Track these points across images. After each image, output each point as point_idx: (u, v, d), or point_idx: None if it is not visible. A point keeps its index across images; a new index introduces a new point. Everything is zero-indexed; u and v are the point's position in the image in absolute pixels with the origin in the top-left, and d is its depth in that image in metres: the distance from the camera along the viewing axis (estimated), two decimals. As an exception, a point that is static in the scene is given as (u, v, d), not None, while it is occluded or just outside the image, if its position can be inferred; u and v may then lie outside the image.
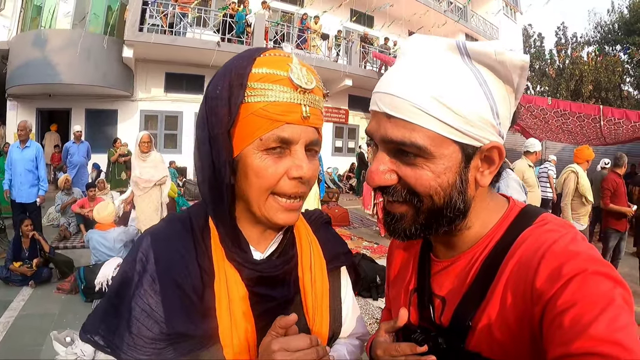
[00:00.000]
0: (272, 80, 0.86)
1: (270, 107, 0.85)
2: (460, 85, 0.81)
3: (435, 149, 0.82)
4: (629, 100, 35.35)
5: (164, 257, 0.93)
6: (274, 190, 0.90)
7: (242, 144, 0.88)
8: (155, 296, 0.89)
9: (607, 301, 0.67)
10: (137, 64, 15.96)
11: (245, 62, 0.89)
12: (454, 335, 0.89)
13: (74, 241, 8.44)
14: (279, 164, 0.89)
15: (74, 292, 5.76)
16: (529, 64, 0.82)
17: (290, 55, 0.92)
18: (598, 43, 39.63)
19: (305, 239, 1.09)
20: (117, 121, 16.40)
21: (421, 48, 0.87)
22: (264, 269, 0.96)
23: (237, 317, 0.90)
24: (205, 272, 0.93)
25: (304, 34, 18.37)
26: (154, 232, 1.00)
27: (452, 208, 0.87)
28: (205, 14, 16.59)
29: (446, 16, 24.53)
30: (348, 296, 1.21)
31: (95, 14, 14.69)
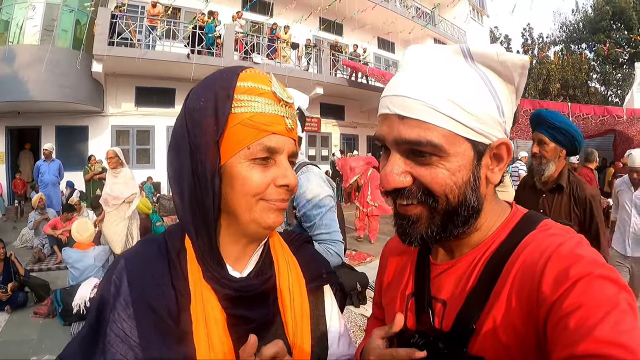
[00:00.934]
0: (258, 93, 0.90)
1: (256, 117, 0.88)
2: (469, 85, 0.84)
3: (449, 147, 0.84)
4: (596, 97, 36.11)
5: (138, 280, 0.92)
6: (262, 197, 0.91)
7: (228, 154, 0.89)
8: (129, 321, 0.88)
9: (612, 305, 0.67)
10: (106, 78, 15.75)
11: (229, 76, 0.91)
12: (456, 340, 0.88)
13: (49, 263, 8.29)
14: (265, 172, 0.91)
15: (51, 315, 5.66)
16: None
17: (269, 74, 0.96)
18: (564, 42, 40.49)
19: (282, 258, 1.08)
20: (89, 137, 16.10)
21: (426, 54, 0.90)
22: (242, 288, 0.95)
23: (214, 341, 0.88)
24: (181, 294, 0.91)
25: (274, 44, 18.36)
26: (128, 255, 0.99)
27: (467, 206, 0.88)
28: (174, 27, 16.43)
29: (415, 22, 24.76)
30: (334, 317, 1.19)
31: (64, 29, 14.43)
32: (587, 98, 34.72)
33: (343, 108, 23.28)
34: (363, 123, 24.15)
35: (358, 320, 5.52)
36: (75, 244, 6.08)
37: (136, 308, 0.89)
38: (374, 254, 9.06)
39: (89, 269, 5.88)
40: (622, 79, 37.85)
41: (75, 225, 6.05)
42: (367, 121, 24.11)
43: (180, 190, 0.93)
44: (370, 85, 21.15)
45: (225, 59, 15.96)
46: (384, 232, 10.77)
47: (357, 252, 9.31)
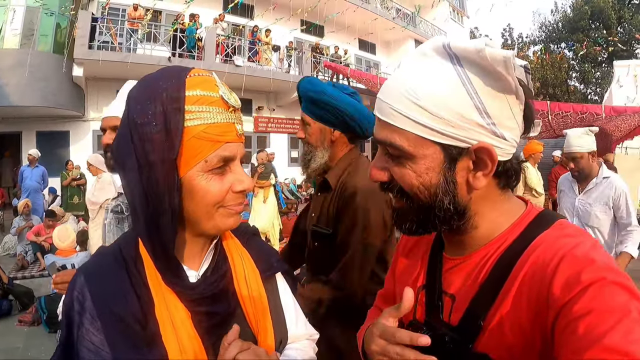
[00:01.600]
0: (208, 102, 0.90)
1: (210, 129, 0.89)
2: (439, 86, 0.82)
3: (414, 149, 0.85)
4: (576, 95, 36.58)
5: (100, 293, 0.92)
6: (221, 204, 0.94)
7: (185, 168, 0.89)
8: (99, 334, 0.88)
9: (623, 313, 0.66)
10: (87, 82, 15.57)
11: (175, 85, 0.89)
12: (462, 335, 0.87)
13: (32, 270, 8.16)
14: (223, 181, 0.93)
15: (36, 323, 5.61)
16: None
17: (212, 75, 0.96)
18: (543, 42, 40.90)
19: (235, 252, 1.12)
20: (70, 143, 15.87)
21: (411, 55, 0.91)
22: (202, 291, 0.98)
23: (183, 340, 0.90)
24: (144, 300, 0.92)
25: (255, 46, 18.31)
26: (86, 269, 0.99)
27: (440, 208, 0.88)
28: (155, 30, 16.34)
29: (395, 23, 24.85)
30: (289, 302, 1.24)
31: (44, 33, 14.22)
32: (567, 96, 35.19)
33: (325, 109, 23.07)
34: (345, 124, 24.04)
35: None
36: (58, 251, 6.02)
37: (103, 320, 0.89)
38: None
39: (72, 276, 5.80)
40: (601, 77, 38.34)
41: (56, 232, 5.98)
42: (349, 122, 24.04)
43: (133, 207, 0.94)
44: (352, 86, 20.95)
45: (207, 62, 15.89)
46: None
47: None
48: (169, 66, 0.98)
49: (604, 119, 11.28)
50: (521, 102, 0.86)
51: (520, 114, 0.87)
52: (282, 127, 21.04)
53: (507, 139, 0.86)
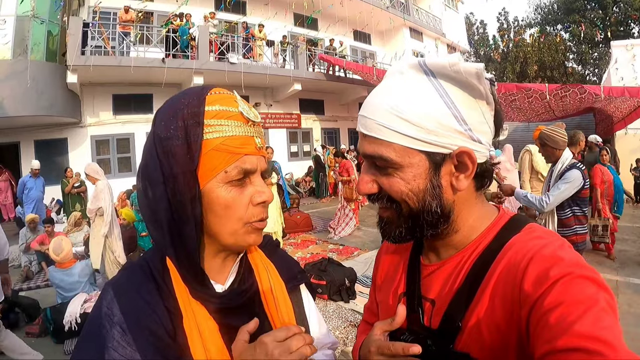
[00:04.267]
0: (227, 116, 0.92)
1: (228, 141, 0.91)
2: (419, 99, 0.88)
3: (401, 159, 0.91)
4: (574, 76, 36.64)
5: (130, 307, 0.93)
6: (245, 220, 0.96)
7: (204, 179, 0.92)
8: (129, 347, 0.88)
9: (592, 302, 0.69)
10: (82, 88, 15.52)
11: (195, 101, 0.93)
12: (443, 337, 0.92)
13: (37, 280, 8.18)
14: (243, 193, 0.95)
15: (43, 334, 5.59)
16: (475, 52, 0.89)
17: (233, 93, 1.00)
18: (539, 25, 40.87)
19: (261, 264, 1.12)
20: (68, 150, 15.85)
21: (391, 71, 0.97)
22: (228, 301, 0.99)
23: (212, 352, 0.91)
24: (172, 313, 0.93)
25: (249, 42, 18.28)
26: (115, 284, 0.99)
27: (428, 211, 0.93)
28: (147, 32, 16.28)
29: (389, 12, 24.79)
30: (312, 312, 1.25)
31: (36, 42, 14.12)
32: (565, 78, 35.24)
33: (322, 102, 23.31)
34: (343, 116, 24.19)
35: (349, 316, 5.58)
36: (57, 264, 5.99)
37: (134, 333, 0.89)
38: (360, 247, 9.11)
39: (75, 285, 5.86)
40: (598, 58, 38.29)
41: (51, 247, 5.92)
42: (347, 114, 24.16)
43: (156, 219, 0.94)
44: (348, 78, 21.15)
45: (201, 61, 15.87)
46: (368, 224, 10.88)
47: (345, 246, 9.31)
48: (192, 86, 1.01)
49: (604, 100, 11.24)
50: (491, 108, 0.94)
51: (491, 119, 0.95)
52: (281, 122, 21.05)
53: (482, 142, 0.93)
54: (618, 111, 12.69)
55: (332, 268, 6.40)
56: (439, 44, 30.73)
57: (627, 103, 11.50)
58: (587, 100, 11.66)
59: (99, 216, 6.63)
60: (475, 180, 0.97)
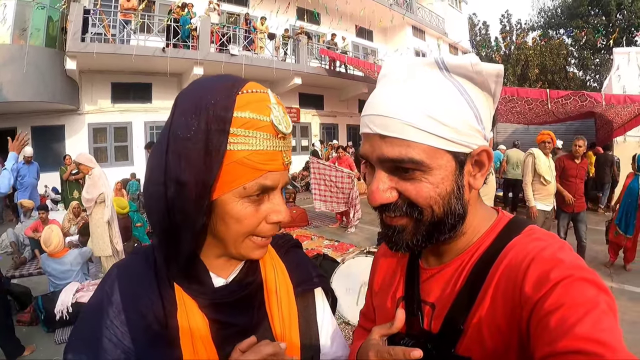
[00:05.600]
0: (256, 127, 0.83)
1: (254, 156, 0.83)
2: (446, 98, 0.85)
3: (431, 161, 0.86)
4: (575, 81, 36.74)
5: (129, 289, 0.93)
6: (253, 234, 0.90)
7: (221, 191, 0.84)
8: (122, 327, 0.89)
9: (592, 305, 0.69)
10: (81, 75, 15.47)
11: (224, 102, 0.82)
12: (444, 341, 0.91)
13: (30, 268, 8.15)
14: (259, 209, 0.89)
15: (34, 323, 5.58)
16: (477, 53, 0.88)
17: (267, 91, 0.89)
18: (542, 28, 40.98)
19: (269, 262, 1.09)
20: (65, 137, 15.82)
21: (401, 68, 0.91)
22: (221, 296, 0.96)
23: (198, 347, 0.90)
24: (168, 302, 0.92)
25: (251, 35, 18.21)
26: (121, 266, 1.00)
27: (452, 214, 0.90)
28: (149, 20, 16.20)
29: (392, 10, 24.79)
30: (326, 320, 1.19)
31: (36, 27, 14.03)
32: (566, 83, 35.32)
33: (322, 98, 23.35)
34: (342, 112, 24.26)
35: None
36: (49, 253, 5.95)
37: (128, 315, 0.90)
38: (356, 245, 9.07)
39: (67, 274, 5.84)
40: (600, 64, 38.40)
41: (42, 237, 5.90)
42: (346, 110, 24.23)
43: (153, 217, 0.89)
44: (349, 74, 21.20)
45: (202, 52, 15.87)
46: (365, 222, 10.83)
47: (340, 242, 9.29)
48: (224, 75, 0.91)
49: (604, 107, 11.23)
50: (494, 106, 0.94)
51: (492, 115, 0.95)
52: (280, 116, 20.91)
53: (487, 140, 0.92)
54: (618, 117, 12.70)
55: (326, 264, 6.35)
56: (441, 43, 30.76)
57: (627, 110, 11.50)
58: (587, 106, 11.65)
59: (100, 203, 6.56)
60: None
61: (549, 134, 6.96)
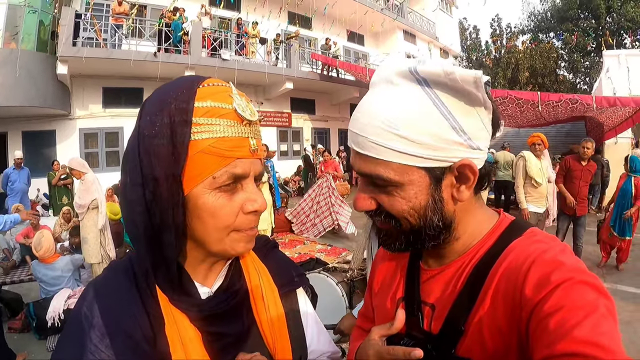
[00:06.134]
0: (219, 114, 0.83)
1: (219, 143, 0.82)
2: (413, 112, 0.84)
3: (400, 177, 0.87)
4: (565, 84, 37.01)
5: (110, 309, 0.88)
6: (233, 228, 0.87)
7: (191, 184, 0.83)
8: (107, 350, 0.83)
9: (591, 308, 0.69)
10: (72, 80, 15.38)
11: (185, 95, 0.83)
12: (444, 342, 0.90)
13: (21, 274, 8.09)
14: (233, 200, 0.86)
15: (26, 330, 5.53)
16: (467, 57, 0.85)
17: (228, 84, 0.89)
18: (532, 32, 41.25)
19: (252, 267, 1.07)
20: (56, 142, 15.71)
21: (381, 79, 0.91)
22: (211, 308, 0.92)
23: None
24: (154, 318, 0.88)
25: (242, 39, 18.22)
26: (97, 284, 0.95)
27: (430, 226, 0.91)
28: (140, 25, 16.18)
29: (383, 14, 24.86)
30: (310, 317, 1.19)
31: (27, 31, 13.93)
32: (556, 86, 35.58)
33: (314, 102, 23.39)
34: (334, 116, 24.29)
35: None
36: (40, 258, 5.92)
37: (112, 337, 0.85)
38: (348, 249, 9.05)
39: (58, 280, 5.81)
40: (590, 67, 38.66)
41: (33, 242, 5.89)
42: (337, 114, 24.27)
43: (132, 220, 0.86)
44: (341, 78, 21.26)
45: (193, 56, 15.86)
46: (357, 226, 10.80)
47: (332, 247, 9.30)
48: (185, 75, 0.92)
49: (595, 110, 11.29)
50: (489, 112, 0.89)
51: (489, 123, 0.91)
52: (271, 121, 21.03)
53: (481, 148, 0.90)
54: (609, 120, 12.77)
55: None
56: (432, 47, 30.88)
57: (618, 113, 11.56)
58: (578, 109, 11.71)
59: (92, 209, 6.52)
60: (475, 186, 0.94)
61: (539, 136, 6.98)
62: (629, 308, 5.64)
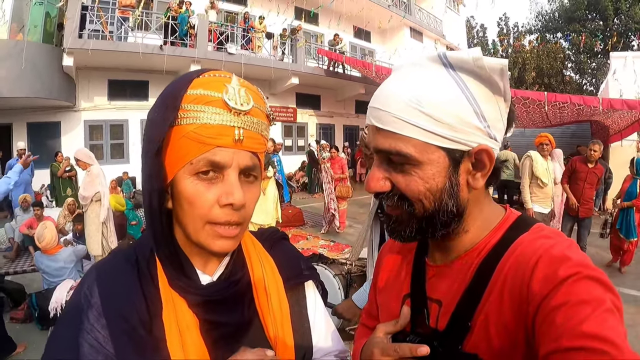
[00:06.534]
0: (205, 101, 0.84)
1: (201, 129, 0.83)
2: (441, 93, 0.84)
3: (420, 155, 0.86)
4: (571, 85, 36.89)
5: (109, 291, 0.90)
6: (207, 219, 0.87)
7: (174, 169, 0.86)
8: (103, 331, 0.86)
9: (598, 303, 0.69)
10: (78, 72, 15.36)
11: (182, 84, 0.86)
12: (451, 338, 0.90)
13: (24, 265, 8.12)
14: (210, 190, 0.86)
15: (28, 320, 5.58)
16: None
17: (231, 76, 0.89)
18: (539, 31, 41.08)
19: (255, 257, 1.06)
20: (61, 134, 15.71)
21: (406, 63, 0.92)
22: (210, 293, 0.93)
23: (188, 348, 0.87)
24: (152, 302, 0.89)
25: (249, 33, 18.19)
26: (99, 267, 0.98)
27: (444, 211, 0.90)
28: (147, 18, 16.15)
29: (390, 10, 24.79)
30: (318, 312, 1.17)
31: (34, 23, 13.95)
32: (562, 86, 35.46)
33: (319, 98, 23.35)
34: (339, 112, 24.26)
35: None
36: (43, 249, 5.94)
37: (109, 318, 0.87)
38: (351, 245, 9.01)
39: (61, 271, 5.82)
40: (596, 68, 38.49)
41: (36, 233, 5.90)
42: (343, 110, 24.23)
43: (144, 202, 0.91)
44: (346, 74, 21.20)
45: (200, 50, 15.84)
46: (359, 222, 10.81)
47: (335, 243, 9.29)
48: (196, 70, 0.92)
49: (602, 113, 11.22)
50: (507, 105, 0.91)
51: (506, 116, 0.92)
52: (276, 116, 20.63)
53: (497, 139, 0.91)
54: (615, 124, 12.71)
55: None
56: (438, 45, 30.77)
57: (625, 116, 11.50)
58: (585, 112, 11.64)
59: (95, 202, 6.54)
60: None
61: (547, 136, 6.96)
62: (630, 310, 5.63)
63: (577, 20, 37.04)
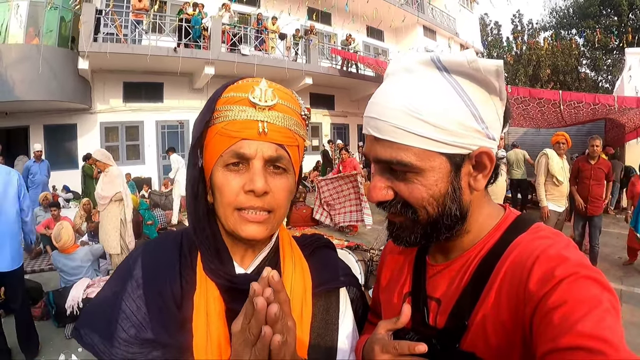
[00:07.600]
0: (234, 102, 0.94)
1: (229, 125, 0.93)
2: (439, 99, 0.84)
3: (421, 163, 0.87)
4: (587, 82, 36.38)
5: (150, 266, 0.99)
6: (235, 205, 0.94)
7: (210, 164, 0.96)
8: (138, 301, 0.93)
9: (595, 303, 0.69)
10: (93, 75, 15.50)
11: (220, 90, 0.98)
12: (448, 336, 0.91)
13: (42, 264, 8.21)
14: (236, 179, 0.93)
15: (45, 318, 5.63)
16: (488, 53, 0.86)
17: (261, 80, 0.97)
18: (554, 28, 40.63)
19: (289, 260, 1.09)
20: (77, 135, 15.85)
21: (399, 68, 0.92)
22: (238, 282, 0.96)
23: (212, 332, 0.91)
24: (187, 282, 0.96)
25: (262, 35, 18.24)
26: (148, 243, 1.08)
27: (448, 216, 0.91)
28: (160, 20, 16.23)
29: (403, 10, 24.70)
30: (346, 321, 1.17)
31: (49, 27, 14.05)
32: (578, 84, 35.07)
33: (333, 98, 23.30)
34: (353, 112, 24.17)
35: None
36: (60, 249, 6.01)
37: (145, 290, 0.95)
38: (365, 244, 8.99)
39: (77, 270, 5.87)
40: (612, 65, 37.96)
41: (53, 233, 5.94)
42: (357, 110, 24.12)
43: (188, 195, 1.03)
44: (360, 74, 21.15)
45: (213, 52, 15.86)
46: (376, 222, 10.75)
47: (350, 242, 9.27)
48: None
49: (617, 111, 11.08)
50: (503, 104, 0.91)
51: (502, 114, 0.92)
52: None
53: (495, 139, 0.91)
54: (630, 121, 12.55)
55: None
56: (452, 43, 30.62)
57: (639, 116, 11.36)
58: (600, 111, 11.50)
59: (115, 202, 6.59)
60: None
61: (563, 135, 6.88)
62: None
63: (591, 17, 36.58)
